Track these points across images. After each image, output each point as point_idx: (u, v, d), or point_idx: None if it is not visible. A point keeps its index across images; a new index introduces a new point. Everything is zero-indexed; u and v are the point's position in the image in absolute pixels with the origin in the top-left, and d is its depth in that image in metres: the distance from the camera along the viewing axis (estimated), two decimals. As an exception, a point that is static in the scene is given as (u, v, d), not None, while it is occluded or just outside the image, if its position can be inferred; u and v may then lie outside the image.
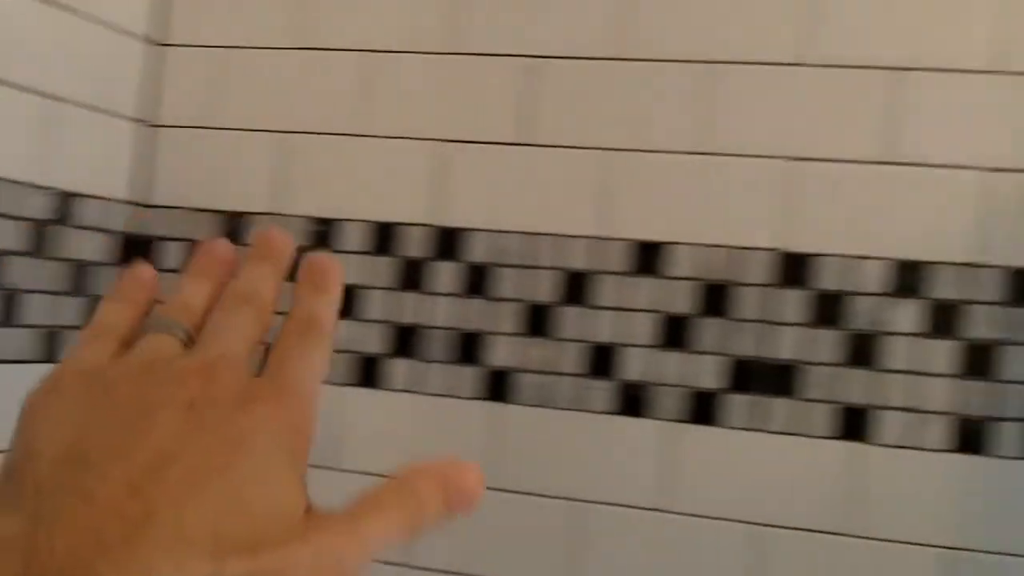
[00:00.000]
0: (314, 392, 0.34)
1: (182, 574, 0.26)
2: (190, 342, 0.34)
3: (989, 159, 0.99)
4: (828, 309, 1.01)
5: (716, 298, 1.03)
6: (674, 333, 1.04)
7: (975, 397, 0.99)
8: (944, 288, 1.00)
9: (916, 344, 1.00)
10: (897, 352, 1.00)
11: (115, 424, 0.29)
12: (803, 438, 1.01)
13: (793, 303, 1.02)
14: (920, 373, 1.00)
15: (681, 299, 1.04)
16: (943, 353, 0.99)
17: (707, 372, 1.03)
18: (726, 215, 1.03)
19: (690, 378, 1.04)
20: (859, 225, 1.01)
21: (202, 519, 0.27)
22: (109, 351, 0.35)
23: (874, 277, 1.01)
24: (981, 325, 0.99)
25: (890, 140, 1.01)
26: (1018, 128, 0.99)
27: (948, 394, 0.99)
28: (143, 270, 0.38)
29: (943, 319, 0.99)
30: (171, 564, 0.26)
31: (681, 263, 1.04)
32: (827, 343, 1.01)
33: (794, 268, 1.02)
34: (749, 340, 1.03)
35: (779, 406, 1.02)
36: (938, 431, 0.99)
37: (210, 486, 0.27)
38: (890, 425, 1.00)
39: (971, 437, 0.98)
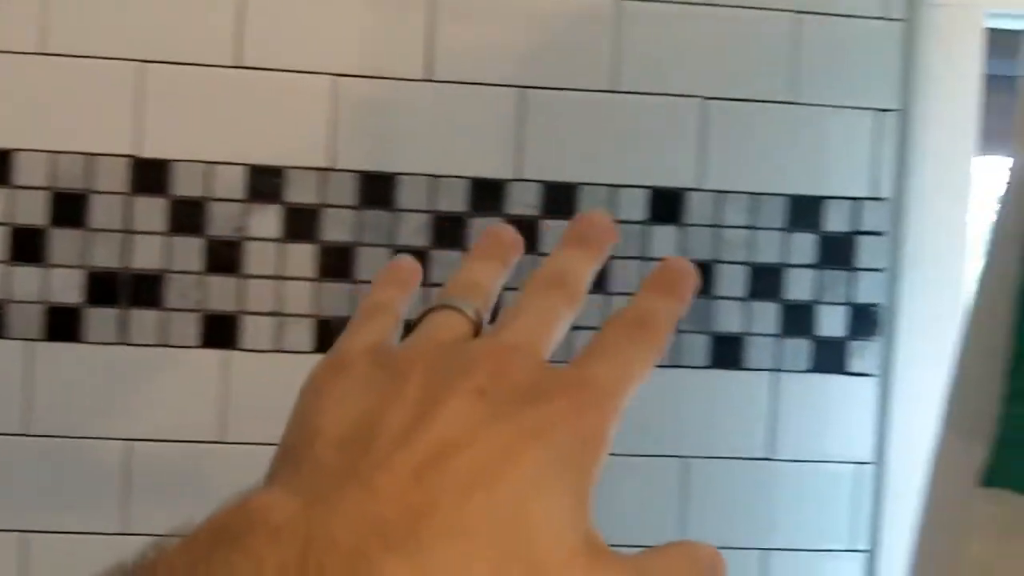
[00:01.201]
0: (622, 401, 0.29)
1: (467, 571, 0.24)
2: (479, 322, 0.29)
3: (337, 65, 1.04)
4: (188, 216, 1.03)
5: (70, 207, 1.02)
6: (27, 246, 1.01)
7: (332, 298, 1.05)
8: (301, 193, 1.04)
9: (277, 249, 1.04)
10: (259, 257, 1.04)
11: (401, 407, 0.27)
12: (172, 348, 1.03)
13: (152, 211, 1.03)
14: (281, 277, 1.04)
15: (32, 209, 1.01)
16: (302, 257, 1.04)
17: (65, 286, 1.02)
18: (78, 120, 1.01)
19: (47, 293, 1.02)
20: (215, 131, 1.03)
21: (484, 517, 0.25)
22: (389, 329, 0.32)
23: (233, 183, 1.03)
24: (336, 228, 1.05)
25: (240, 45, 1.03)
26: (363, 35, 1.04)
27: (309, 297, 1.04)
28: (405, 259, 0.32)
29: (301, 224, 1.04)
30: (456, 561, 0.24)
31: (31, 171, 1.01)
32: (189, 251, 1.03)
33: (151, 174, 1.02)
34: (108, 251, 1.02)
35: (144, 317, 1.03)
36: (300, 333, 1.04)
37: (493, 485, 0.25)
38: (256, 330, 1.04)
39: (330, 337, 1.04)
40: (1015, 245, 0.50)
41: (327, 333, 1.04)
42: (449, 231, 1.05)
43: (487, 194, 1.05)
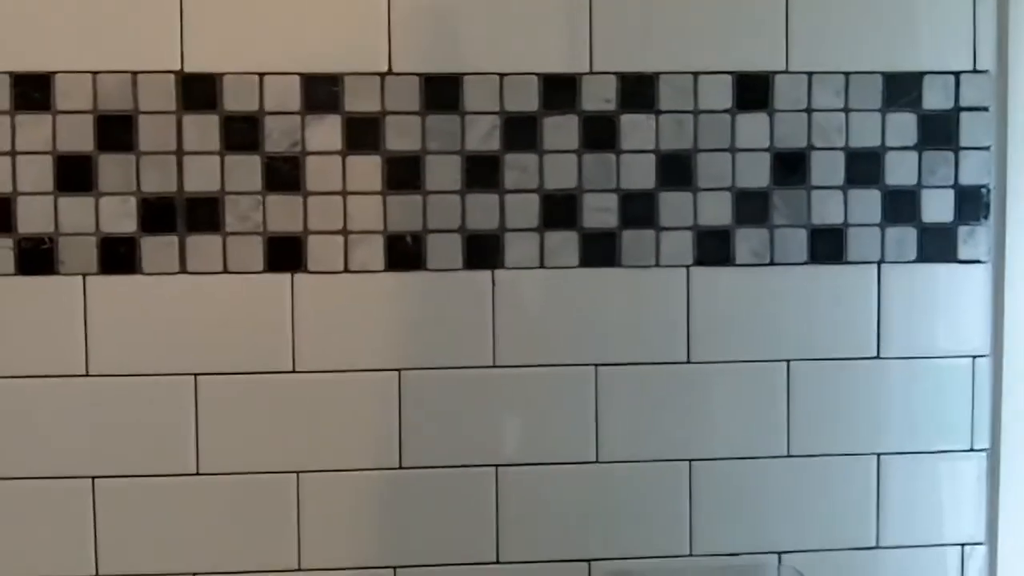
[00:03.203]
0: None
1: None
2: None
3: (390, -41, 1.00)
4: (241, 133, 1.00)
5: (116, 131, 0.99)
6: (75, 174, 0.99)
7: (402, 211, 1.02)
8: (362, 101, 1.01)
9: (338, 162, 1.01)
10: (320, 172, 1.01)
11: None
12: (235, 275, 1.00)
13: (203, 129, 0.99)
14: (346, 192, 1.01)
15: (77, 135, 0.98)
16: (366, 169, 1.01)
17: (117, 214, 0.99)
18: (118, 37, 0.98)
19: (100, 223, 0.99)
20: (264, 39, 0.99)
21: None
22: None
23: (287, 94, 1.00)
24: (401, 136, 1.01)
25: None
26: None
27: (376, 211, 1.01)
28: None
29: (362, 133, 1.01)
30: None
31: (72, 94, 0.98)
32: (245, 169, 1.00)
33: (199, 90, 0.99)
34: (159, 175, 0.99)
35: (204, 243, 1.00)
36: (370, 251, 1.01)
37: None
38: (323, 250, 1.01)
39: (404, 253, 1.02)
40: None
41: (398, 250, 1.01)
42: (522, 133, 1.02)
43: (560, 90, 1.02)
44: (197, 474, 1.00)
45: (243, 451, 1.00)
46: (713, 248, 1.02)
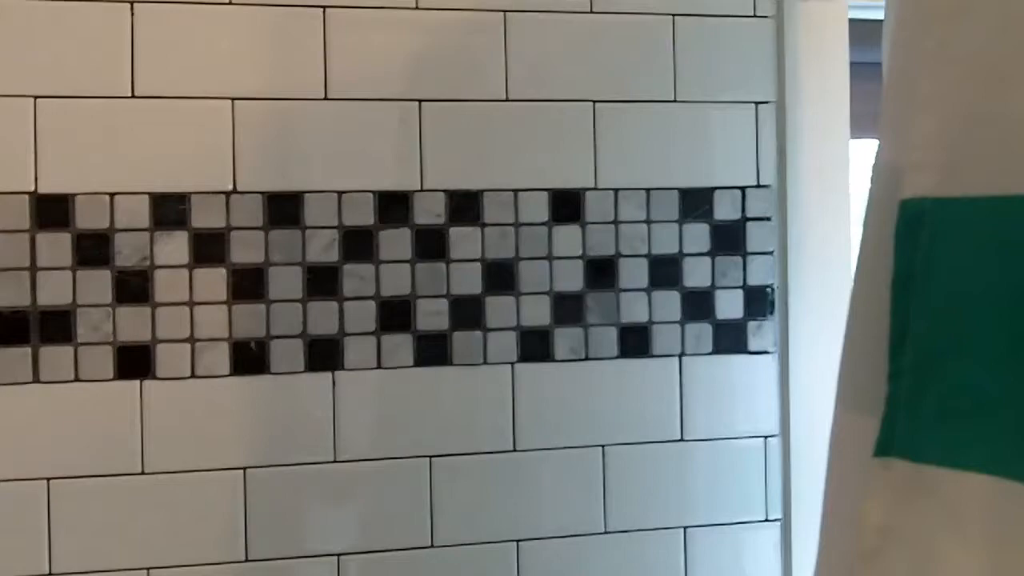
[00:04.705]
0: None
1: None
2: None
3: (233, 88, 1.12)
4: (93, 249, 1.09)
5: (-31, 249, 1.06)
6: (-73, 291, 1.05)
7: (246, 319, 1.12)
8: (208, 217, 1.12)
9: (186, 275, 1.11)
10: (169, 285, 1.10)
11: None
12: (87, 383, 1.09)
13: (56, 246, 1.08)
14: (193, 303, 1.11)
15: (-71, 254, 1.05)
16: (213, 281, 1.11)
17: (-30, 328, 1.06)
18: (-29, 160, 1.06)
19: (-49, 337, 1.06)
20: (115, 161, 1.09)
21: None
22: None
23: (137, 213, 1.10)
24: (245, 249, 1.12)
25: (134, 75, 1.10)
26: (260, 59, 1.13)
27: (222, 320, 1.11)
28: None
29: (209, 247, 1.11)
30: None
31: (-75, 215, 1.05)
32: (97, 284, 1.09)
33: (52, 210, 1.08)
34: (13, 290, 1.07)
35: (57, 354, 1.08)
36: (216, 357, 1.11)
37: None
38: (171, 357, 1.10)
39: (248, 359, 1.12)
40: (887, 232, 0.53)
41: (243, 355, 1.11)
42: (359, 245, 1.14)
43: (394, 206, 1.15)
44: (50, 574, 1.07)
45: (95, 551, 1.08)
46: (535, 346, 1.16)
